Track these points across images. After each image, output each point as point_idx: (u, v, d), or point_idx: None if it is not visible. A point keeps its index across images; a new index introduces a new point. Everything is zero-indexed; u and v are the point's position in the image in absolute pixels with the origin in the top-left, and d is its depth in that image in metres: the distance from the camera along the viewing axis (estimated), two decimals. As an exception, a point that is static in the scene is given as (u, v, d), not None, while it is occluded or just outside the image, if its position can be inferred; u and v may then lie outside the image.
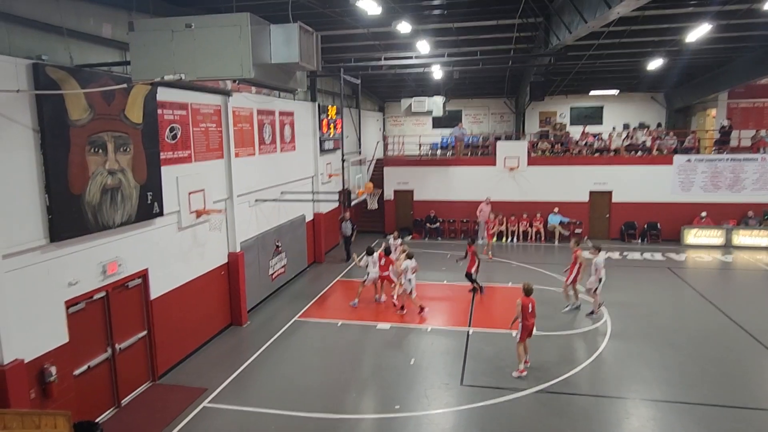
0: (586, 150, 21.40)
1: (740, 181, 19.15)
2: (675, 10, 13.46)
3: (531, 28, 15.10)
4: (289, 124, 15.10)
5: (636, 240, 19.70)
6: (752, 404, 8.18)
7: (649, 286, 14.29)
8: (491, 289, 14.25)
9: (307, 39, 6.67)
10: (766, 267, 16.13)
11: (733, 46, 17.61)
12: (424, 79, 22.18)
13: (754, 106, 23.17)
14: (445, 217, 21.10)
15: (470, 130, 27.21)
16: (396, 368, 9.58)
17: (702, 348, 10.22)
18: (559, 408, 8.10)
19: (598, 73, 22.32)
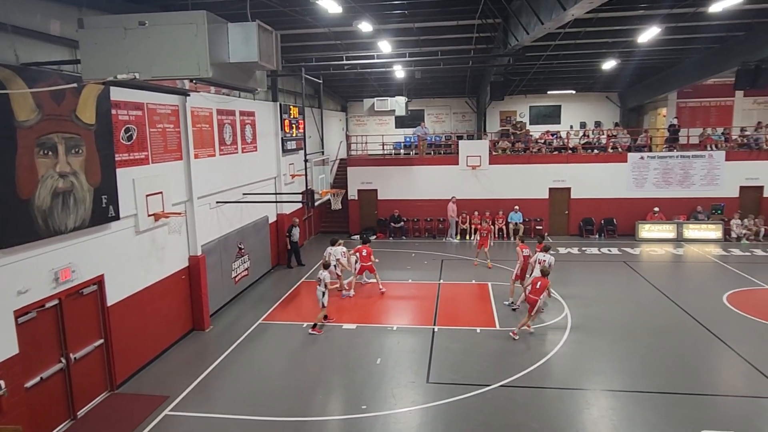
0: (545, 148, 21.90)
1: (689, 177, 19.99)
2: (627, 13, 13.94)
3: (490, 29, 15.36)
4: (251, 124, 14.87)
5: (594, 235, 20.31)
6: (705, 391, 8.54)
7: (607, 280, 14.75)
8: (455, 286, 14.40)
9: (267, 38, 6.57)
10: (715, 259, 16.90)
11: (681, 48, 18.37)
12: (386, 79, 22.25)
13: (701, 105, 24.26)
14: (409, 216, 21.21)
15: (433, 129, 27.45)
16: (362, 368, 9.56)
17: (658, 339, 10.61)
18: (523, 402, 8.26)
19: (556, 74, 22.90)
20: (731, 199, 19.78)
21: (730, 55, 17.18)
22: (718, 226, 19.35)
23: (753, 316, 11.60)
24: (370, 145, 24.06)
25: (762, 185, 19.70)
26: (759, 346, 10.14)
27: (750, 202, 19.79)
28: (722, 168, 19.75)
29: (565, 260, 17.00)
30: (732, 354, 9.86)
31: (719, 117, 23.90)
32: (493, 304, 12.85)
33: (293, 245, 17.02)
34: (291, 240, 16.88)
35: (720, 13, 13.26)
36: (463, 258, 17.61)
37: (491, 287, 14.14)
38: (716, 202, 19.81)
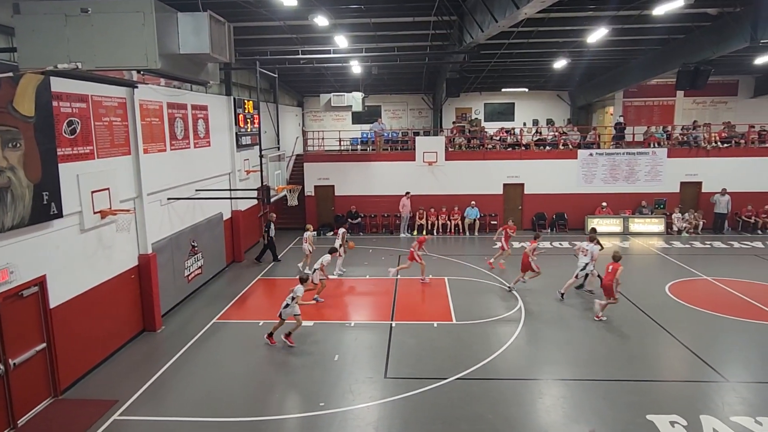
0: (499, 145, 22.35)
1: (635, 173, 20.86)
2: (576, 14, 14.38)
3: (446, 26, 15.50)
4: (203, 118, 14.46)
5: (546, 229, 20.90)
6: (649, 377, 8.94)
7: (558, 274, 15.16)
8: (412, 282, 14.51)
9: (219, 29, 6.39)
10: (658, 251, 17.72)
11: (628, 49, 19.12)
12: (343, 75, 22.13)
13: (645, 104, 25.35)
14: (366, 212, 21.20)
15: (389, 125, 27.52)
16: (320, 365, 9.50)
17: (607, 329, 11.03)
18: (479, 393, 8.41)
19: (510, 72, 23.39)
20: (672, 195, 20.78)
21: (671, 56, 18.00)
22: (660, 220, 20.30)
23: (692, 305, 12.23)
24: (327, 141, 23.89)
25: (701, 181, 20.77)
26: (698, 333, 10.71)
27: (690, 197, 20.86)
28: (664, 165, 20.71)
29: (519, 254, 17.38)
30: (674, 341, 10.37)
31: (662, 116, 25.06)
32: (449, 298, 13.02)
33: (270, 240, 16.82)
34: (269, 235, 16.68)
35: (662, 17, 13.89)
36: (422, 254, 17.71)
37: (448, 282, 14.32)
38: (659, 197, 20.77)
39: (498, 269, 15.40)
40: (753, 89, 25.04)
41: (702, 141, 21.10)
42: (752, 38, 14.08)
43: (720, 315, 11.65)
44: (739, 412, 7.73)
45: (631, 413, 7.75)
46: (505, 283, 14.02)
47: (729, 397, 8.20)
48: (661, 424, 7.42)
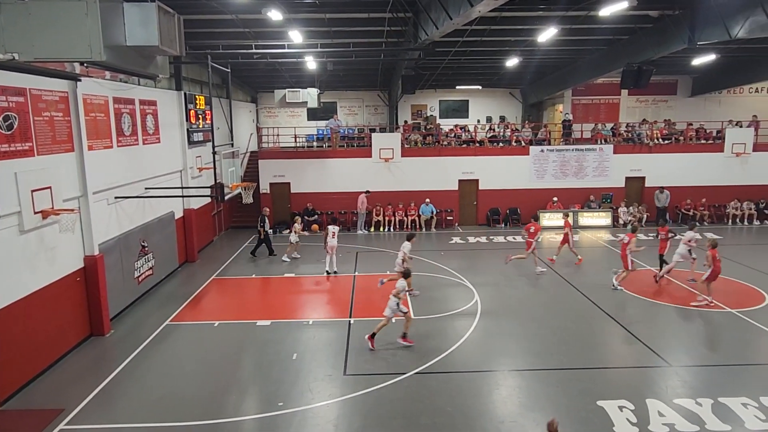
0: (454, 141, 22.66)
1: (583, 169, 21.62)
2: (527, 13, 14.73)
3: (401, 23, 15.56)
4: (152, 114, 13.96)
5: (500, 224, 21.37)
6: (599, 364, 9.31)
7: (512, 267, 15.56)
8: (370, 278, 14.52)
9: (168, 21, 6.18)
10: (605, 244, 18.44)
11: (576, 49, 19.76)
12: (298, 70, 21.85)
13: (592, 102, 26.30)
14: (323, 209, 21.05)
15: (346, 122, 27.42)
16: (278, 365, 9.38)
17: (558, 319, 11.39)
18: (437, 386, 8.52)
19: (464, 69, 23.73)
20: (618, 189, 21.68)
21: (616, 56, 18.74)
22: (607, 213, 21.14)
23: (638, 295, 12.80)
24: (282, 138, 23.55)
25: (644, 176, 21.73)
26: (642, 321, 11.21)
27: (634, 191, 21.81)
28: (611, 160, 21.55)
29: (475, 249, 17.77)
30: (621, 330, 10.82)
31: (608, 113, 26.07)
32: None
33: (266, 235, 16.86)
34: (264, 230, 16.77)
35: (608, 18, 14.42)
36: (378, 249, 17.79)
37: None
38: (606, 192, 21.60)
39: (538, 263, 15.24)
40: (691, 89, 26.40)
41: (645, 138, 22.07)
42: (690, 40, 14.84)
43: (663, 303, 12.25)
44: (681, 395, 8.15)
45: (582, 400, 8.04)
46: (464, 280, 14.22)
47: (672, 380, 8.64)
48: (611, 409, 7.73)
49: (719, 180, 21.47)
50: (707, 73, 24.53)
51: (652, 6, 14.62)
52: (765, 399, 7.93)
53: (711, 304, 11.96)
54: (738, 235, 19.51)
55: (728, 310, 11.66)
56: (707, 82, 25.24)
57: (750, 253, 16.39)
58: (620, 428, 7.29)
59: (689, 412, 7.67)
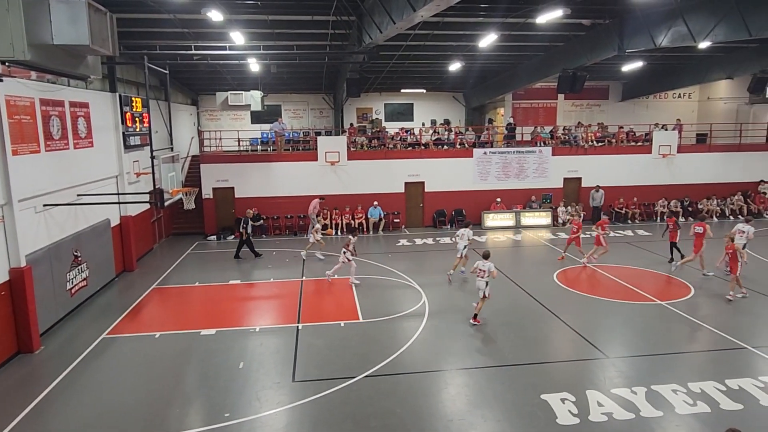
0: (400, 144, 22.87)
1: (524, 170, 22.36)
2: (468, 19, 15.10)
3: (345, 26, 15.57)
4: (84, 116, 13.26)
5: (446, 226, 21.74)
6: (542, 359, 9.61)
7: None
8: (318, 282, 14.42)
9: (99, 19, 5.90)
10: (546, 242, 19.14)
11: (515, 54, 20.44)
12: (241, 72, 21.42)
13: (532, 106, 27.25)
14: (269, 214, 20.70)
15: (290, 125, 27.11)
16: (224, 374, 9.12)
17: (503, 317, 11.70)
18: (387, 389, 8.55)
19: (408, 73, 24.01)
20: (557, 190, 22.57)
21: (553, 62, 19.52)
22: (548, 213, 21.95)
23: (576, 291, 13.36)
24: (225, 141, 22.99)
25: (581, 177, 22.73)
26: (581, 316, 11.72)
27: (572, 191, 22.78)
28: (550, 162, 22.41)
29: (422, 250, 17.99)
30: (562, 325, 11.25)
31: (546, 117, 27.09)
32: (355, 297, 13.09)
33: (248, 237, 16.77)
34: (246, 231, 16.66)
35: (544, 25, 15.01)
36: (326, 253, 17.67)
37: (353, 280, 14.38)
38: (546, 192, 22.44)
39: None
40: (621, 94, 27.88)
41: (581, 140, 23.10)
42: (619, 48, 15.68)
43: (600, 298, 12.84)
44: (618, 384, 8.56)
45: (527, 394, 8.29)
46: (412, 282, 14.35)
47: (609, 371, 9.06)
48: (554, 402, 8.02)
49: (648, 180, 22.78)
50: (635, 79, 25.98)
51: (584, 15, 15.35)
52: (692, 384, 8.46)
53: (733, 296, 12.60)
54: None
55: (658, 302, 12.37)
56: (636, 87, 26.75)
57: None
58: (563, 420, 7.57)
59: (625, 400, 8.06)
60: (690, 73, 22.83)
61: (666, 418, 7.60)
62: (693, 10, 13.48)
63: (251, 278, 14.88)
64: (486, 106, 29.04)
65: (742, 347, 9.90)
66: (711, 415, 7.61)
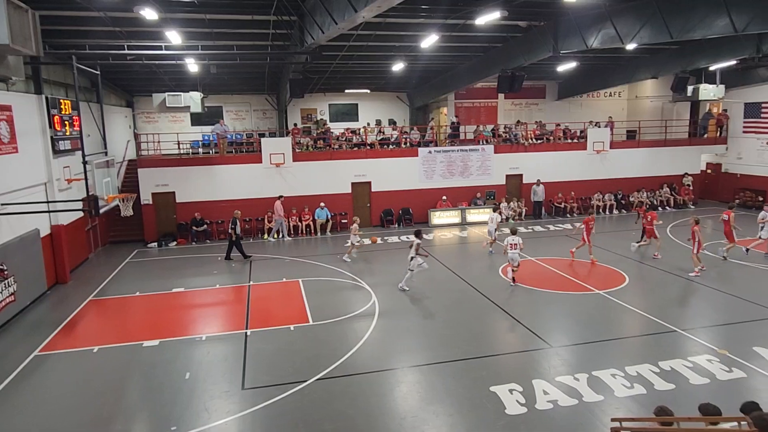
0: (345, 145, 22.83)
1: (468, 168, 22.86)
2: (410, 20, 15.25)
3: (286, 26, 15.36)
4: (7, 120, 12.42)
5: (393, 225, 21.90)
6: (490, 352, 9.87)
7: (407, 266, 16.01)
8: (266, 286, 14.17)
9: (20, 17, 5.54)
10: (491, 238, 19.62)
11: (456, 55, 20.85)
12: (178, 73, 20.72)
13: (473, 105, 27.89)
14: (213, 218, 20.14)
15: (233, 127, 26.49)
16: (169, 386, 8.80)
17: (452, 313, 11.92)
18: (339, 391, 8.51)
19: (352, 73, 24.00)
20: (500, 186, 23.22)
21: (492, 63, 20.06)
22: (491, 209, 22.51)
23: (521, 284, 13.77)
24: (164, 144, 22.15)
25: (522, 173, 23.48)
26: (525, 307, 12.12)
27: (513, 188, 23.50)
28: (492, 160, 23.02)
29: (370, 250, 18.01)
30: (508, 317, 11.59)
31: (487, 116, 27.80)
32: (305, 299, 12.96)
33: (237, 238, 16.71)
34: (236, 232, 16.67)
35: (483, 27, 15.39)
36: (273, 257, 17.39)
37: (302, 283, 14.25)
38: (490, 189, 23.04)
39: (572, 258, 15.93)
40: (557, 93, 29.02)
41: (521, 138, 23.87)
42: (554, 49, 16.31)
43: (543, 290, 13.32)
44: (562, 372, 8.91)
45: (477, 388, 8.48)
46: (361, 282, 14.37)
47: (553, 360, 9.42)
48: (502, 393, 8.24)
49: (584, 175, 23.84)
50: (570, 79, 27.12)
51: (521, 17, 15.86)
52: (629, 368, 8.93)
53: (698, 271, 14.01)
54: (601, 224, 21.74)
55: (596, 292, 12.98)
56: (570, 87, 27.92)
57: (612, 240, 18.38)
58: (511, 410, 7.80)
59: (569, 387, 8.40)
60: (619, 73, 24.06)
61: (606, 401, 7.98)
62: (620, 13, 14.21)
63: (196, 285, 14.43)
64: (429, 106, 29.46)
65: (672, 330, 10.54)
66: (647, 396, 8.06)
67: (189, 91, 19.15)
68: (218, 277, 15.09)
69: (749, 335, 10.23)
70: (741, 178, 24.77)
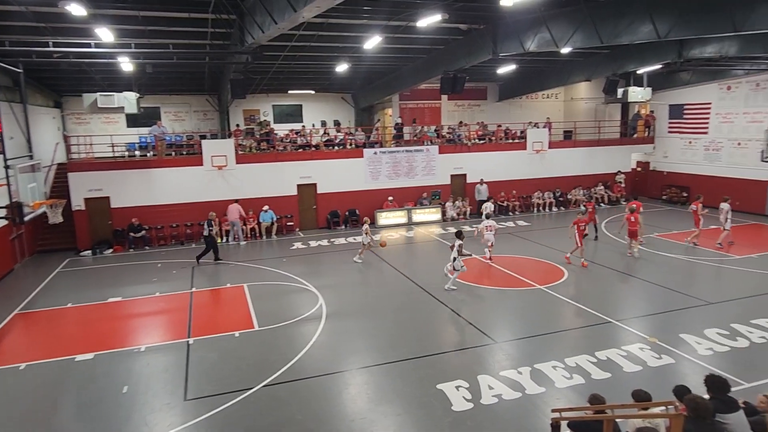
0: (290, 146, 22.52)
1: (413, 168, 23.10)
2: (352, 21, 15.23)
3: (226, 25, 14.97)
4: None
5: (340, 226, 21.82)
6: (437, 350, 9.98)
7: (355, 267, 16.02)
8: (209, 293, 13.76)
9: (-74, 11, 5.09)
10: (437, 237, 19.94)
11: (400, 56, 20.99)
12: (111, 72, 19.73)
13: (418, 106, 28.20)
14: (152, 223, 19.36)
15: (172, 128, 25.56)
16: (106, 402, 8.37)
17: (400, 313, 12.00)
18: (286, 397, 8.38)
19: (296, 74, 23.69)
20: (445, 186, 23.61)
21: (434, 64, 20.35)
22: (437, 209, 22.89)
23: (466, 281, 14.03)
24: (97, 147, 21.05)
25: (465, 173, 23.98)
26: (471, 305, 12.38)
27: (458, 187, 23.96)
28: (437, 160, 23.37)
29: (317, 252, 17.90)
30: (453, 315, 11.79)
31: (431, 117, 28.18)
32: (250, 304, 12.68)
33: (212, 239, 16.65)
34: (210, 233, 16.61)
35: (425, 29, 15.57)
36: (219, 262, 16.90)
37: (247, 288, 13.93)
38: (435, 189, 23.38)
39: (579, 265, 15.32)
40: (498, 94, 29.82)
41: (464, 138, 24.36)
42: (494, 51, 16.74)
43: (487, 287, 13.65)
44: (506, 367, 9.15)
45: (424, 386, 8.57)
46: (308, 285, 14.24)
47: (498, 355, 9.66)
48: (449, 390, 8.37)
49: (525, 174, 24.64)
50: (510, 81, 27.94)
51: (461, 20, 16.17)
52: (568, 359, 9.29)
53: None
54: (542, 221, 22.59)
55: (537, 287, 13.43)
56: (510, 88, 28.77)
57: (552, 236, 19.09)
58: (458, 407, 7.93)
59: (513, 381, 8.64)
60: (555, 75, 25.02)
61: (548, 393, 8.27)
62: (555, 19, 14.77)
63: (134, 294, 13.80)
64: (374, 107, 29.55)
65: (607, 321, 11.07)
66: (585, 386, 8.41)
67: (123, 91, 18.27)
68: (158, 285, 14.50)
69: (676, 323, 10.90)
70: (667, 176, 26.36)
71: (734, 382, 8.12)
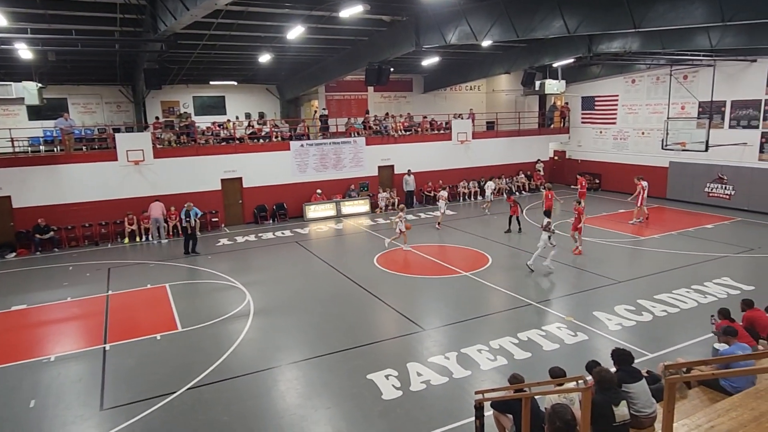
0: (213, 139, 21.71)
1: (341, 160, 23.01)
2: (273, 10, 14.85)
3: (136, 11, 14.11)
4: None
5: (268, 221, 21.36)
6: (366, 341, 10.04)
7: (283, 262, 15.76)
8: (128, 295, 13.04)
9: None
10: (366, 229, 20.02)
11: (324, 47, 20.75)
12: (7, 60, 18.07)
13: (344, 98, 28.10)
14: (61, 224, 18.01)
15: (81, 121, 23.86)
16: (10, 419, 7.72)
17: (329, 306, 11.94)
18: (212, 398, 8.11)
19: (217, 64, 22.82)
20: (373, 178, 23.71)
21: (359, 56, 20.31)
22: (366, 200, 22.95)
23: (395, 272, 14.24)
24: (-6, 142, 19.26)
25: (393, 164, 24.19)
26: (399, 294, 12.55)
27: (386, 178, 24.15)
28: (364, 152, 23.40)
29: (243, 248, 17.42)
30: (383, 305, 11.90)
31: (358, 108, 28.17)
32: (173, 305, 12.15)
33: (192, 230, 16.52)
34: (190, 225, 16.41)
35: (348, 20, 15.47)
36: (134, 262, 16.04)
37: (169, 288, 13.33)
38: (363, 181, 23.43)
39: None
40: (423, 86, 30.29)
41: (391, 130, 24.55)
42: (416, 43, 16.93)
43: (415, 276, 13.89)
44: (434, 353, 9.36)
45: (354, 377, 8.59)
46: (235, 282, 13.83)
47: (426, 342, 9.87)
48: (379, 380, 8.45)
49: (450, 164, 25.24)
50: (434, 73, 28.45)
51: (384, 12, 16.20)
52: (492, 342, 9.66)
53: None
54: (467, 210, 23.25)
55: (463, 274, 13.84)
56: (435, 80, 29.30)
57: (476, 224, 19.73)
58: (387, 395, 8.02)
59: (440, 366, 8.86)
60: (477, 68, 25.75)
61: (474, 375, 8.56)
62: (474, 12, 15.15)
63: (42, 300, 12.80)
64: (300, 99, 29.09)
65: (528, 304, 11.61)
66: (508, 366, 8.77)
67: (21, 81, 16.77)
68: (69, 290, 13.54)
69: (590, 302, 11.62)
70: (582, 164, 27.95)
71: (639, 353, 8.81)
